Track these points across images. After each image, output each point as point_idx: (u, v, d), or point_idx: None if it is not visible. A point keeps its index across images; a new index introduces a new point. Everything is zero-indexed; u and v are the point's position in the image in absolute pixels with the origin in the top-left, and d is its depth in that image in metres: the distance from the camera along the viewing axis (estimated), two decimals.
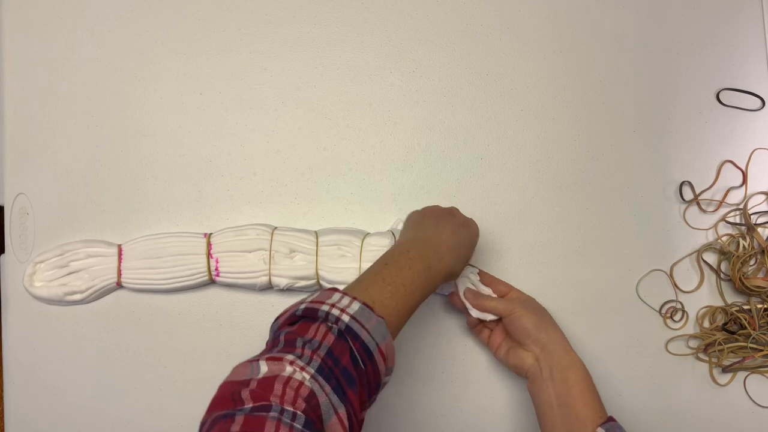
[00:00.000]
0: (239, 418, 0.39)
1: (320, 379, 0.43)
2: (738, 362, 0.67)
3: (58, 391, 0.68)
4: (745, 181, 0.71)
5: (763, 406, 0.69)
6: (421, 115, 0.71)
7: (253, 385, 0.41)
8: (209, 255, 0.66)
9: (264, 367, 0.42)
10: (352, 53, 0.71)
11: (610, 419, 0.56)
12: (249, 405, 0.40)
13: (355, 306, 0.47)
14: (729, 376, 0.69)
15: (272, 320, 0.68)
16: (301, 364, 0.43)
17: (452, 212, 0.62)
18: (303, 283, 0.66)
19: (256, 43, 0.70)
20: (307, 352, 0.44)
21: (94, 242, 0.67)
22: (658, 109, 0.72)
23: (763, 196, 0.71)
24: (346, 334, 0.46)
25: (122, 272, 0.66)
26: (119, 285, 0.67)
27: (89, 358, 0.68)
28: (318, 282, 0.66)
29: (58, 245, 0.67)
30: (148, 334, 0.68)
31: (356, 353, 0.46)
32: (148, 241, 0.67)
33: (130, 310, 0.68)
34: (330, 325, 0.46)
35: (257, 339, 0.68)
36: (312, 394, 0.41)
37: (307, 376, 0.42)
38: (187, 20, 0.70)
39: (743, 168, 0.71)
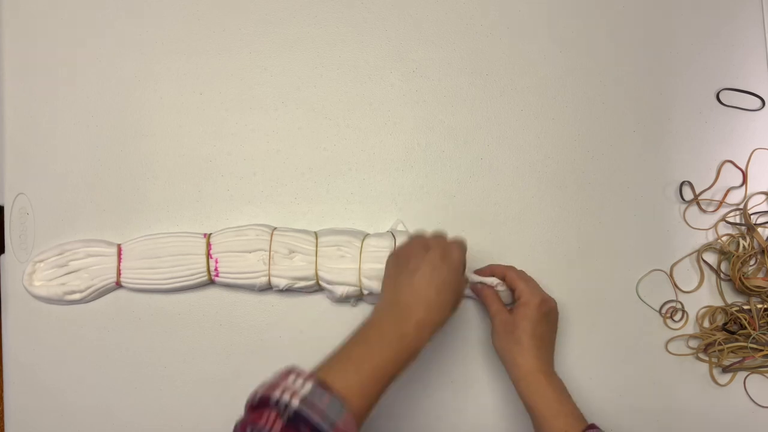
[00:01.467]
0: None
1: None
2: (738, 362, 0.67)
3: (58, 391, 0.68)
4: (745, 181, 0.71)
5: (763, 406, 0.69)
6: (421, 115, 0.71)
7: None
8: (209, 255, 0.66)
9: None
10: (352, 53, 0.71)
11: (591, 427, 0.56)
12: None
13: (308, 386, 0.47)
14: (729, 376, 0.69)
15: (272, 320, 0.68)
16: None
17: (427, 245, 0.57)
18: (302, 283, 0.66)
19: (256, 43, 0.70)
20: None
21: (94, 242, 0.67)
22: (658, 109, 0.72)
23: (763, 196, 0.71)
24: (297, 419, 0.45)
25: (122, 272, 0.66)
26: (119, 285, 0.67)
27: (89, 358, 0.68)
28: (317, 282, 0.66)
29: (57, 244, 0.67)
30: (148, 334, 0.68)
31: None
32: (148, 241, 0.67)
33: (130, 310, 0.68)
34: (280, 410, 0.46)
35: (257, 339, 0.68)
36: None
37: None
38: (187, 20, 0.70)
39: (743, 168, 0.71)
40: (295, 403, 0.46)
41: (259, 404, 0.47)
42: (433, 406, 0.68)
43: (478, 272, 0.66)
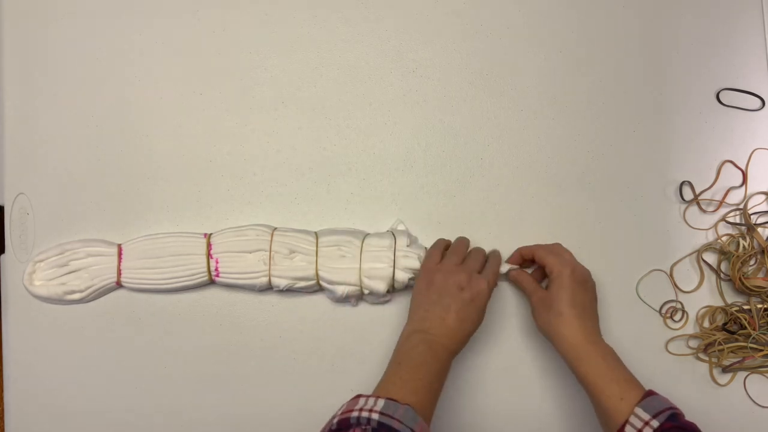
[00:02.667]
0: None
1: None
2: (738, 362, 0.67)
3: (58, 391, 0.67)
4: (745, 181, 0.71)
5: (763, 406, 0.69)
6: (421, 115, 0.71)
7: None
8: (209, 255, 0.66)
9: None
10: (352, 53, 0.71)
11: (649, 393, 0.56)
12: None
13: (381, 402, 0.52)
14: (729, 376, 0.69)
15: (272, 320, 0.68)
16: None
17: (460, 284, 0.60)
18: (303, 283, 0.66)
19: (256, 43, 0.70)
20: None
21: (94, 242, 0.67)
22: (658, 109, 0.72)
23: (763, 196, 0.71)
24: (380, 429, 0.49)
25: (122, 272, 0.66)
26: (119, 285, 0.67)
27: (89, 358, 0.68)
28: (318, 282, 0.66)
29: (58, 244, 0.67)
30: (148, 334, 0.68)
31: None
32: (148, 241, 0.67)
33: (130, 310, 0.68)
34: (363, 427, 0.49)
35: (257, 339, 0.68)
36: None
37: None
38: (187, 20, 0.70)
39: (743, 168, 0.71)
40: (375, 416, 0.50)
41: (339, 429, 0.51)
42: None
43: (510, 260, 0.68)
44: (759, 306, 0.68)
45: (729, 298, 0.70)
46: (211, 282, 0.67)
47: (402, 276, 0.65)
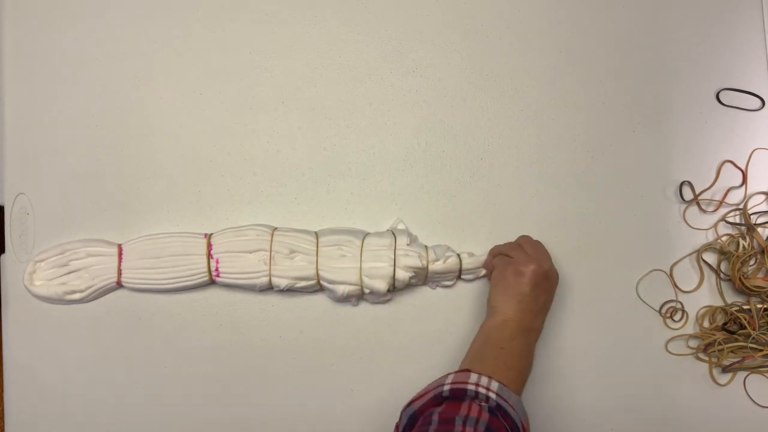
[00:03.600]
0: None
1: None
2: (738, 362, 0.67)
3: (58, 391, 0.67)
4: (745, 181, 0.71)
5: (763, 406, 0.69)
6: (421, 115, 0.71)
7: None
8: (209, 255, 0.66)
9: None
10: (352, 53, 0.71)
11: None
12: None
13: (495, 384, 0.51)
14: (729, 376, 0.69)
15: (272, 320, 0.68)
16: None
17: (548, 276, 0.62)
18: (303, 283, 0.66)
19: (256, 43, 0.70)
20: (469, 429, 0.46)
21: (95, 242, 0.67)
22: (658, 109, 0.72)
23: (763, 196, 0.71)
24: (497, 411, 0.49)
25: (122, 272, 0.66)
26: (119, 285, 0.67)
27: (89, 357, 0.68)
28: (318, 282, 0.66)
29: (58, 244, 0.67)
30: (148, 334, 0.68)
31: (509, 430, 0.49)
32: (149, 241, 0.67)
33: (130, 310, 0.68)
34: (480, 403, 0.49)
35: (257, 339, 0.68)
36: None
37: None
38: (187, 20, 0.70)
39: (743, 168, 0.71)
40: (493, 396, 0.50)
41: (453, 397, 0.50)
42: None
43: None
44: (759, 306, 0.68)
45: (729, 298, 0.70)
46: (211, 282, 0.67)
47: (402, 275, 0.65)
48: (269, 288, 0.67)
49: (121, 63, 0.70)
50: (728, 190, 0.71)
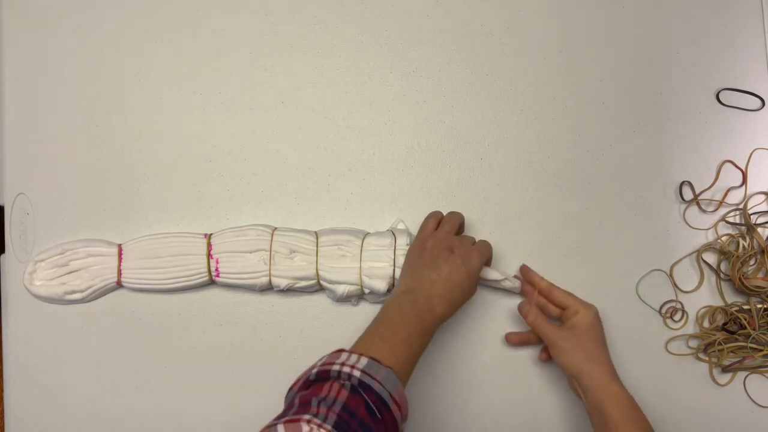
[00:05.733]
0: None
1: None
2: (738, 362, 0.67)
3: (58, 391, 0.68)
4: (745, 181, 0.71)
5: (763, 406, 0.69)
6: (421, 115, 0.71)
7: None
8: (209, 255, 0.66)
9: (282, 431, 0.44)
10: (352, 53, 0.71)
11: None
12: None
13: (363, 361, 0.50)
14: (729, 376, 0.69)
15: (272, 320, 0.68)
16: (318, 421, 0.44)
17: (452, 247, 0.61)
18: (303, 283, 0.66)
19: (256, 43, 0.70)
20: (323, 409, 0.46)
21: (95, 241, 0.67)
22: (658, 109, 0.72)
23: (763, 196, 0.71)
24: (360, 387, 0.48)
25: (122, 272, 0.66)
26: (119, 285, 0.67)
27: (89, 357, 0.68)
28: (318, 282, 0.66)
29: (58, 244, 0.67)
30: (148, 334, 0.68)
31: (372, 405, 0.47)
32: (149, 241, 0.67)
33: (130, 310, 0.68)
34: (342, 381, 0.48)
35: (257, 339, 0.68)
36: None
37: None
38: (188, 20, 0.70)
39: (743, 168, 0.71)
40: (356, 373, 0.48)
41: (317, 379, 0.49)
42: (439, 404, 0.68)
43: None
44: (759, 306, 0.68)
45: (729, 298, 0.70)
46: (211, 282, 0.67)
47: None
48: (269, 288, 0.67)
49: (121, 63, 0.70)
50: (728, 190, 0.71)
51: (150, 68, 0.70)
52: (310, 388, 0.49)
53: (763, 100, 0.72)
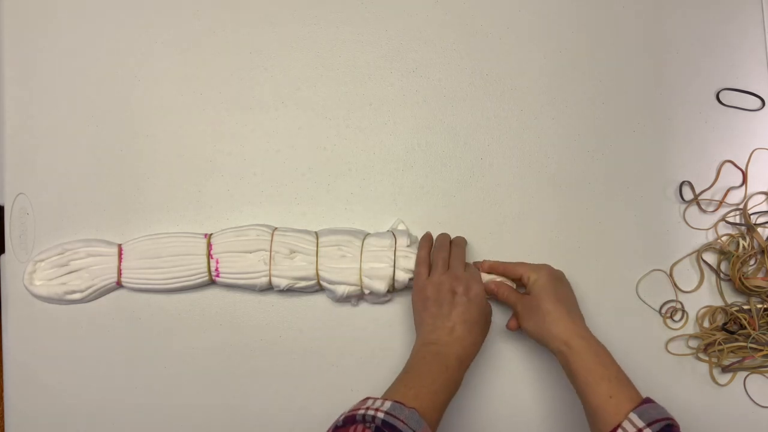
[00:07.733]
0: None
1: None
2: (738, 362, 0.67)
3: (58, 391, 0.68)
4: (745, 181, 0.71)
5: (763, 406, 0.69)
6: (421, 115, 0.71)
7: None
8: (209, 255, 0.66)
9: None
10: (352, 53, 0.71)
11: (646, 401, 0.55)
12: None
13: (387, 404, 0.52)
14: (729, 376, 0.69)
15: (272, 320, 0.68)
16: None
17: (452, 288, 0.62)
18: (303, 283, 0.66)
19: (256, 43, 0.70)
20: None
21: (95, 242, 0.67)
22: (658, 109, 0.72)
23: (763, 196, 0.71)
24: (384, 428, 0.50)
25: (122, 272, 0.66)
26: (119, 285, 0.67)
27: (89, 357, 0.68)
28: (318, 282, 0.66)
29: (58, 244, 0.67)
30: (148, 334, 0.68)
31: None
32: (149, 241, 0.67)
33: (130, 310, 0.68)
34: (367, 424, 0.50)
35: (257, 339, 0.68)
36: None
37: None
38: (187, 20, 0.70)
39: (743, 168, 0.71)
40: (380, 415, 0.51)
41: (344, 424, 0.51)
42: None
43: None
44: (759, 306, 0.68)
45: (729, 298, 0.70)
46: (211, 282, 0.67)
47: (402, 276, 0.65)
48: (269, 288, 0.67)
49: (121, 63, 0.70)
50: (728, 190, 0.71)
51: (150, 68, 0.70)
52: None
53: (763, 100, 0.72)
